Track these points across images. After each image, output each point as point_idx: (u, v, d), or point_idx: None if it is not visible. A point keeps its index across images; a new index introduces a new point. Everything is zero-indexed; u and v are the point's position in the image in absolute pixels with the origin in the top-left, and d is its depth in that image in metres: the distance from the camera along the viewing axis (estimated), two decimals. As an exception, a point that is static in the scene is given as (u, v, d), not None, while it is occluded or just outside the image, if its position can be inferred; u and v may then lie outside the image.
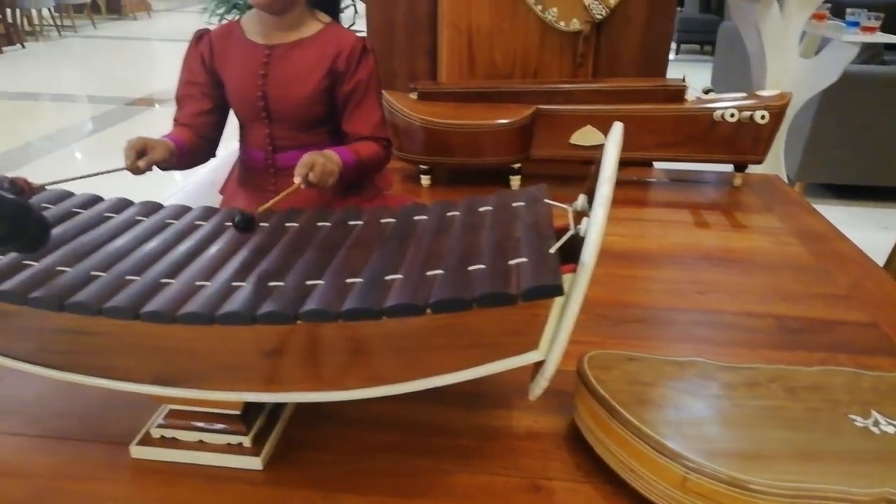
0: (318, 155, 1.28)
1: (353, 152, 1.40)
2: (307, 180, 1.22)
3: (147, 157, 1.27)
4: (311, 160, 1.25)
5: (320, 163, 1.25)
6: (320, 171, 1.24)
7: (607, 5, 2.31)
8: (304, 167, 1.23)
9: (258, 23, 1.48)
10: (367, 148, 1.45)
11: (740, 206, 2.15)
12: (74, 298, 0.86)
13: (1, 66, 6.83)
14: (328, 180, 1.28)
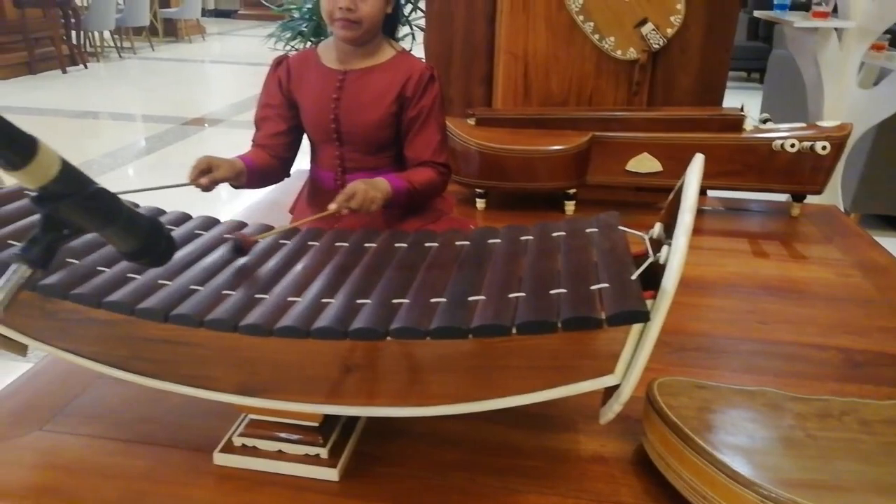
0: (362, 183, 1.34)
1: (405, 180, 1.45)
2: (349, 206, 1.27)
3: (210, 175, 1.33)
4: (352, 189, 1.32)
5: (362, 190, 1.31)
6: (361, 198, 1.30)
7: (665, 35, 2.33)
8: (344, 196, 1.30)
9: (334, 49, 1.54)
10: (422, 174, 1.49)
11: (799, 237, 2.14)
12: (178, 311, 0.92)
13: (64, 86, 7.15)
14: (370, 206, 1.33)
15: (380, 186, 1.37)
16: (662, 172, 2.21)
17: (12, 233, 1.06)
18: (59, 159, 0.55)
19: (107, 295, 0.94)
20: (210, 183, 1.33)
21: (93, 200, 0.57)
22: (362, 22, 1.43)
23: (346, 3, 1.40)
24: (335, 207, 1.29)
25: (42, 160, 0.52)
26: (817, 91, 2.71)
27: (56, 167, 0.54)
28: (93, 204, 0.57)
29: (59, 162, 0.54)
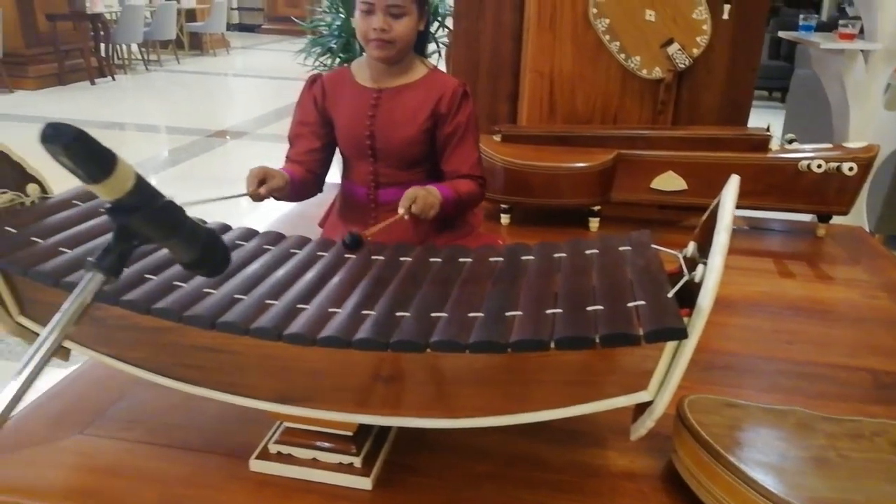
0: (421, 189, 1.37)
1: (452, 189, 1.48)
2: (410, 211, 1.30)
3: (267, 184, 1.37)
4: (413, 193, 1.34)
5: (422, 195, 1.34)
6: (422, 203, 1.33)
7: (691, 55, 2.35)
8: (407, 199, 1.32)
9: (368, 68, 1.58)
10: (466, 185, 1.52)
11: (825, 257, 2.13)
12: (224, 319, 0.95)
13: (93, 97, 7.30)
14: (429, 212, 1.36)
15: (434, 193, 1.41)
16: (687, 191, 2.23)
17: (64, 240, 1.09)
18: (134, 173, 0.58)
19: (155, 302, 0.97)
20: (267, 192, 1.37)
21: (162, 212, 0.60)
22: (396, 42, 1.47)
23: (380, 24, 1.43)
24: (403, 212, 1.31)
25: (120, 174, 0.55)
26: (843, 112, 2.71)
27: (131, 181, 0.57)
28: (161, 216, 0.60)
29: (134, 176, 0.57)
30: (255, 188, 1.36)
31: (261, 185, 1.37)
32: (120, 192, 0.57)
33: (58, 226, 1.12)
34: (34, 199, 1.17)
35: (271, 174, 1.40)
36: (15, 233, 1.06)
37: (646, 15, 2.34)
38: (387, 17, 1.44)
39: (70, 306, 0.58)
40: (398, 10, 1.44)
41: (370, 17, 1.45)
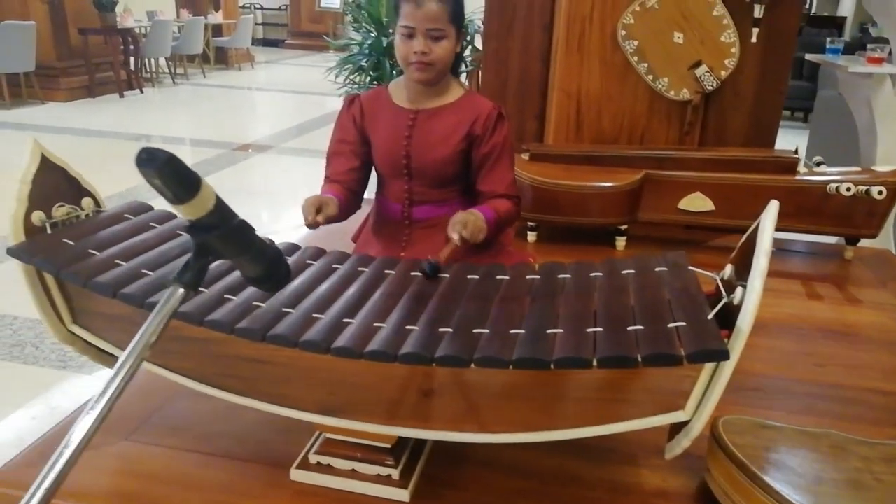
0: (468, 213, 1.40)
1: (493, 210, 1.50)
2: (461, 237, 1.33)
3: (323, 212, 1.41)
4: (464, 218, 1.36)
5: (472, 220, 1.37)
6: (472, 228, 1.36)
7: (719, 77, 2.37)
8: (458, 224, 1.35)
9: (405, 89, 1.62)
10: (504, 205, 1.55)
11: (853, 280, 2.13)
12: (274, 331, 0.98)
13: (121, 109, 7.45)
14: (479, 236, 1.39)
15: (480, 217, 1.44)
16: (715, 212, 2.24)
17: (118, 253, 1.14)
18: (215, 195, 0.61)
19: (207, 314, 1.01)
20: (324, 220, 1.41)
21: (237, 231, 0.63)
22: (436, 64, 1.51)
23: (420, 47, 1.47)
24: (457, 238, 1.34)
25: (203, 195, 0.59)
26: (870, 134, 2.72)
27: (212, 202, 0.60)
28: (236, 234, 0.64)
29: (214, 197, 0.61)
30: (315, 216, 1.40)
31: (317, 213, 1.41)
32: (202, 211, 0.60)
33: (112, 239, 1.17)
34: (88, 213, 1.21)
35: (325, 202, 1.44)
36: (73, 245, 1.11)
37: (674, 37, 2.37)
38: (427, 40, 1.48)
39: (153, 320, 0.62)
40: (438, 33, 1.48)
41: (410, 40, 1.49)
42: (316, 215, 1.41)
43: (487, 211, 1.49)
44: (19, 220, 1.10)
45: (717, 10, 2.32)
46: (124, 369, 0.58)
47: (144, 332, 0.60)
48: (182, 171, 0.57)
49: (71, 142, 5.97)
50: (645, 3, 2.35)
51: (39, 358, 2.45)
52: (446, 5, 1.48)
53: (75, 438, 0.57)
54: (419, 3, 1.47)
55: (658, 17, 2.35)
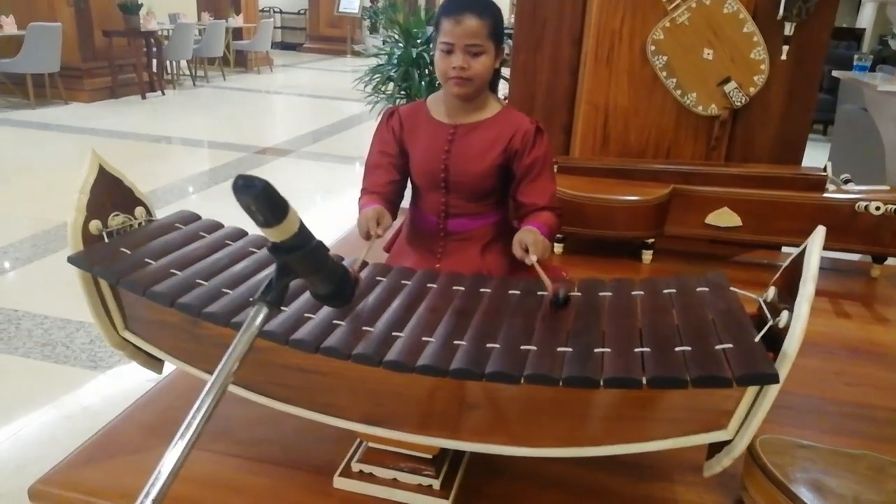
0: (533, 233, 1.42)
1: (545, 226, 1.52)
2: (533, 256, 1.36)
3: (382, 224, 1.44)
4: (533, 238, 1.39)
5: (540, 241, 1.40)
6: (541, 247, 1.39)
7: (747, 94, 2.39)
8: (531, 246, 1.37)
9: (443, 104, 1.65)
10: (548, 218, 1.57)
11: (881, 299, 2.14)
12: (327, 344, 1.01)
13: (144, 111, 7.55)
14: (546, 254, 1.41)
15: (539, 234, 1.45)
16: (742, 227, 2.25)
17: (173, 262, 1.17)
18: (298, 219, 0.64)
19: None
20: (383, 232, 1.45)
21: (315, 252, 0.66)
22: (474, 79, 1.53)
23: (459, 62, 1.50)
24: (535, 259, 1.35)
25: (290, 220, 0.62)
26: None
27: (296, 225, 0.63)
28: (314, 255, 0.67)
29: (298, 221, 0.64)
30: (376, 229, 1.43)
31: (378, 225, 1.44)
32: (287, 234, 0.63)
33: (165, 248, 1.20)
34: (141, 222, 1.25)
35: (382, 214, 1.48)
36: (130, 254, 1.14)
37: (704, 53, 2.38)
38: (466, 55, 1.51)
39: (240, 340, 0.64)
40: (477, 48, 1.51)
41: (450, 56, 1.52)
42: (377, 228, 1.45)
43: (540, 226, 1.51)
44: (77, 229, 1.13)
45: (748, 27, 2.33)
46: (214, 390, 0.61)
47: (231, 352, 0.63)
48: (274, 198, 0.60)
49: (94, 142, 6.04)
50: (675, 20, 2.37)
51: (70, 357, 2.49)
52: (485, 22, 1.51)
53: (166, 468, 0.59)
54: (458, 19, 1.50)
55: (688, 33, 2.37)
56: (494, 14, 1.55)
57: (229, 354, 0.63)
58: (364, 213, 1.46)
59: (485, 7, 1.54)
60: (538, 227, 1.49)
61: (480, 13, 1.51)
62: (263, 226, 0.62)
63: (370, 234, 1.42)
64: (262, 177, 0.61)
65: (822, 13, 2.32)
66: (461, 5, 1.52)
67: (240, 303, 1.09)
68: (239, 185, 0.59)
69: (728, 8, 2.32)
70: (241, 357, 0.65)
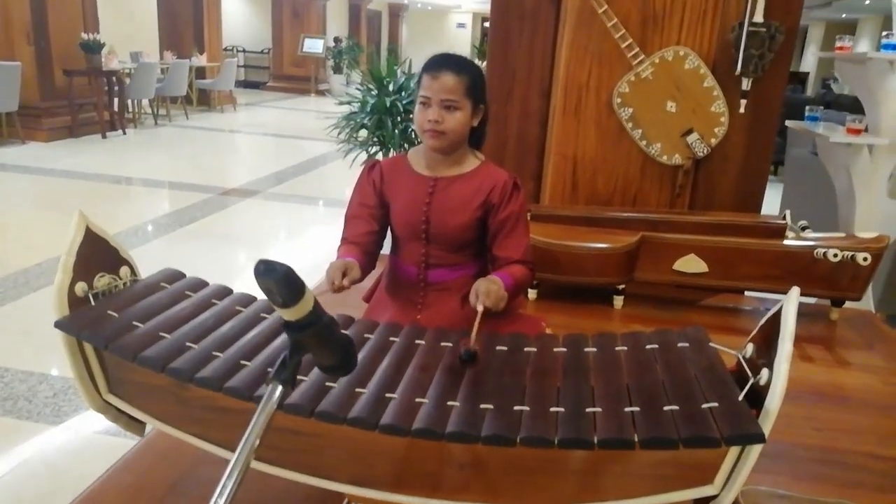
0: (490, 283, 1.45)
1: (510, 276, 1.56)
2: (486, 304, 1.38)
3: (348, 276, 1.45)
4: (486, 287, 1.41)
5: (494, 290, 1.41)
6: (495, 297, 1.40)
7: (709, 144, 2.49)
8: (483, 295, 1.39)
9: (424, 157, 1.68)
10: (520, 271, 1.61)
11: (841, 342, 2.22)
12: (322, 408, 1.01)
13: (104, 151, 7.43)
14: (501, 304, 1.43)
15: (500, 284, 1.48)
16: (708, 273, 2.33)
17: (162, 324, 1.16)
18: (313, 297, 0.66)
19: (256, 389, 1.03)
20: (349, 284, 1.45)
21: (326, 328, 0.67)
22: (448, 133, 1.58)
23: (435, 115, 1.55)
24: (482, 308, 1.37)
25: (306, 300, 0.63)
26: (849, 199, 2.86)
27: (311, 304, 0.65)
28: (325, 331, 0.68)
29: (312, 300, 0.65)
30: (341, 281, 1.44)
31: (343, 277, 1.45)
32: (302, 314, 0.64)
33: (153, 309, 1.19)
34: (126, 282, 1.24)
35: (350, 266, 1.48)
36: (117, 317, 1.13)
37: (667, 106, 2.49)
38: (441, 109, 1.56)
39: (257, 420, 0.65)
40: (452, 104, 1.56)
41: (427, 109, 1.57)
42: (342, 279, 1.45)
43: (506, 277, 1.54)
44: (63, 291, 1.12)
45: (708, 81, 2.45)
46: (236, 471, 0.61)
47: (250, 432, 0.64)
48: (294, 282, 0.61)
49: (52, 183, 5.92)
50: (640, 74, 2.47)
51: (33, 413, 2.40)
52: (462, 79, 1.57)
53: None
54: (436, 75, 1.55)
55: (652, 87, 2.48)
56: (473, 74, 1.60)
57: (248, 435, 0.64)
58: (332, 264, 1.48)
59: (463, 66, 1.59)
60: (503, 277, 1.52)
61: (458, 71, 1.57)
62: (281, 307, 0.63)
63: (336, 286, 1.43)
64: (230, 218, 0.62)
65: (777, 70, 2.46)
66: (441, 63, 1.57)
67: (231, 365, 1.09)
68: (261, 270, 0.60)
69: (689, 64, 2.44)
70: (259, 436, 0.65)
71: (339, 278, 1.43)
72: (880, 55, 2.61)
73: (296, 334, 0.67)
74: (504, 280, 1.53)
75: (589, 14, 2.47)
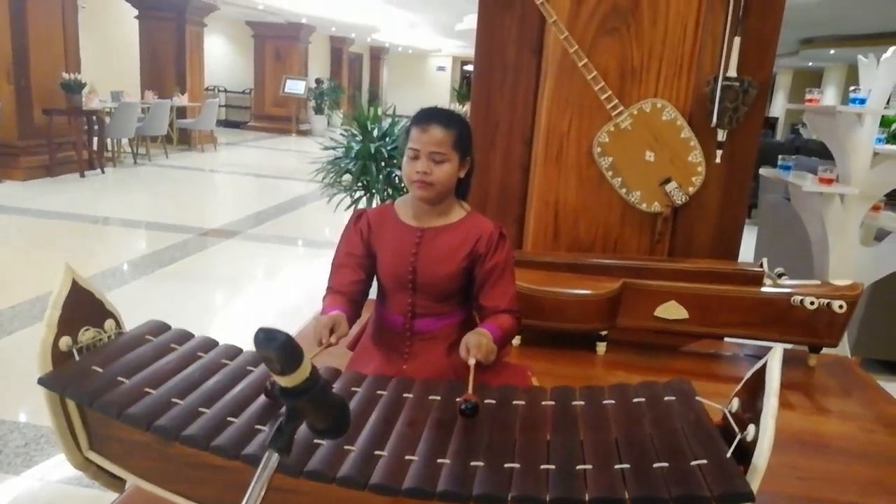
0: (480, 336, 1.45)
1: (498, 327, 1.57)
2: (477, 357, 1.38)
3: (336, 333, 1.45)
4: (476, 340, 1.42)
5: (484, 343, 1.42)
6: (485, 350, 1.41)
7: (687, 193, 2.55)
8: (473, 347, 1.40)
9: (411, 208, 1.70)
10: (507, 321, 1.62)
11: (819, 389, 2.25)
12: (311, 467, 1.00)
13: (82, 190, 7.36)
14: (491, 357, 1.44)
15: (489, 336, 1.49)
16: (689, 319, 2.36)
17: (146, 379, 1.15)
18: (310, 364, 0.66)
19: (244, 447, 1.02)
20: (337, 341, 1.44)
21: (321, 392, 0.67)
22: (436, 185, 1.61)
23: (423, 167, 1.58)
24: (473, 362, 1.37)
25: (303, 367, 0.63)
26: (823, 245, 2.93)
27: (308, 371, 0.65)
28: (321, 396, 0.68)
29: (309, 366, 0.65)
30: (328, 338, 1.43)
31: (331, 334, 1.45)
32: (299, 380, 0.64)
33: (138, 363, 1.18)
34: (111, 335, 1.22)
35: (337, 321, 1.48)
36: (101, 372, 1.11)
37: (646, 156, 2.55)
38: (430, 162, 1.59)
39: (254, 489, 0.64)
40: (440, 157, 1.59)
41: (415, 161, 1.59)
42: (329, 336, 1.45)
43: (494, 329, 1.56)
44: (48, 346, 1.10)
45: (685, 133, 2.52)
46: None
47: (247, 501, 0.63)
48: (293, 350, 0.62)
49: (27, 223, 5.84)
50: (619, 125, 2.54)
51: (3, 463, 2.33)
52: (450, 132, 1.60)
53: None
54: (425, 128, 1.58)
55: (631, 137, 2.54)
56: (461, 127, 1.64)
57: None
58: (319, 320, 1.47)
59: (451, 120, 1.63)
60: (491, 329, 1.54)
61: (447, 124, 1.60)
62: (279, 374, 0.63)
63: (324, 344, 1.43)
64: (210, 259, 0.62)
65: (751, 122, 2.54)
66: (429, 116, 1.61)
67: (217, 422, 1.07)
68: (261, 339, 0.60)
69: (666, 115, 2.51)
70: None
71: (327, 336, 1.43)
72: (848, 109, 2.71)
73: (292, 400, 0.67)
74: (492, 332, 1.54)
75: (569, 66, 2.55)
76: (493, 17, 2.65)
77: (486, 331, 1.52)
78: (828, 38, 11.81)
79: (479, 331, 1.51)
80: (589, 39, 2.54)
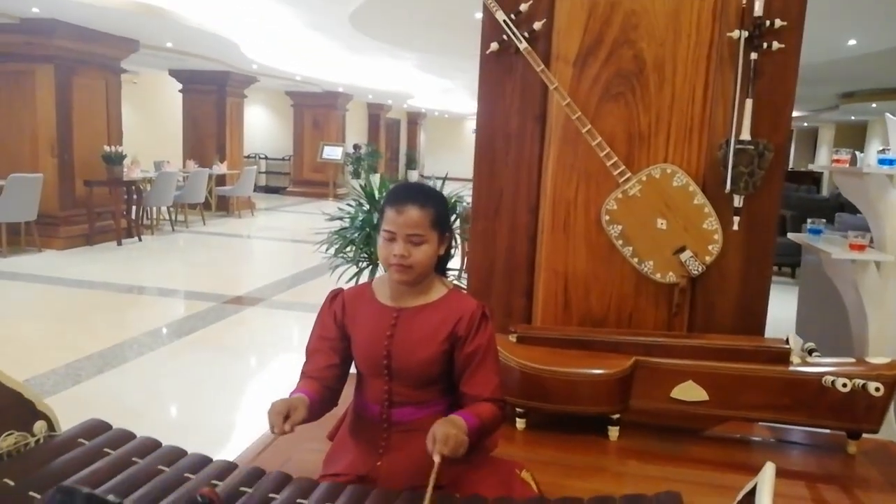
0: (449, 426, 1.33)
1: (476, 417, 1.43)
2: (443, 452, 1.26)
3: (291, 419, 1.34)
4: (444, 433, 1.30)
5: (453, 435, 1.30)
6: (453, 443, 1.29)
7: (703, 262, 2.39)
8: (439, 442, 1.28)
9: (389, 287, 1.60)
10: (488, 410, 1.49)
11: (859, 482, 2.01)
12: None
13: (118, 258, 7.53)
14: (460, 451, 1.31)
15: (461, 426, 1.37)
16: (709, 402, 2.16)
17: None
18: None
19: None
20: (291, 428, 1.34)
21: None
22: (414, 267, 1.51)
23: (401, 251, 1.49)
24: (438, 459, 1.26)
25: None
26: (859, 317, 2.71)
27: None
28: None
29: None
30: (282, 426, 1.33)
31: (285, 420, 1.34)
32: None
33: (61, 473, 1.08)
34: (40, 438, 1.13)
35: (293, 406, 1.38)
36: (13, 486, 1.02)
37: (657, 223, 2.41)
38: (407, 244, 1.49)
39: None
40: (418, 238, 1.50)
41: (392, 243, 1.50)
42: (283, 424, 1.34)
43: (470, 418, 1.42)
44: (-42, 456, 1.02)
45: (698, 199, 2.38)
46: None
47: None
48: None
49: (62, 292, 5.96)
50: (627, 191, 2.42)
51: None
52: (427, 212, 1.51)
53: None
54: (401, 209, 1.49)
55: (641, 205, 2.41)
56: (437, 204, 1.55)
57: None
58: (273, 405, 1.37)
59: (427, 197, 1.54)
60: (466, 418, 1.41)
61: (423, 203, 1.51)
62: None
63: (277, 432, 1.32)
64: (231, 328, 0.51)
65: (770, 186, 2.38)
66: (404, 196, 1.52)
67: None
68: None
69: (677, 181, 2.39)
70: None
71: (280, 423, 1.32)
72: (878, 170, 2.53)
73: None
74: (468, 421, 1.40)
75: (574, 132, 2.46)
76: (493, 85, 2.60)
77: (459, 419, 1.39)
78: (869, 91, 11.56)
79: (451, 419, 1.38)
80: (593, 105, 2.46)
